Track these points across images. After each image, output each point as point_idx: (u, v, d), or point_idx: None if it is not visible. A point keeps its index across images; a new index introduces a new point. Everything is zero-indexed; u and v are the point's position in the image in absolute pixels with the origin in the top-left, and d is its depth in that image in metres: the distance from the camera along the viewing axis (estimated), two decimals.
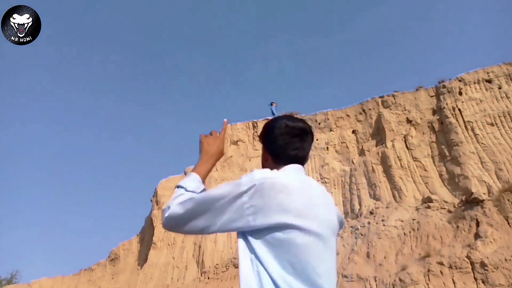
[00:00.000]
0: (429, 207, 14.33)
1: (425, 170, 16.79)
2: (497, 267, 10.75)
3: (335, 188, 18.47)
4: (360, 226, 15.12)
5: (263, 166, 1.55)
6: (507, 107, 16.73)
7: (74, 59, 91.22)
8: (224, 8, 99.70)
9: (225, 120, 1.70)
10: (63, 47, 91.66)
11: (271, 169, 1.42)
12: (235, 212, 1.27)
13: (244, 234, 1.30)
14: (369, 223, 15.01)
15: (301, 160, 1.51)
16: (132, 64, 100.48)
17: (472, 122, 16.80)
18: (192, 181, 1.48)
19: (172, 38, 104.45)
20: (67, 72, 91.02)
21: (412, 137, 17.95)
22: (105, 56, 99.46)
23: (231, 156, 21.43)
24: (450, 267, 11.37)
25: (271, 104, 23.20)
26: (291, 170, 1.43)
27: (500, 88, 17.51)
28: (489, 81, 17.93)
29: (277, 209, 1.25)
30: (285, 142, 1.49)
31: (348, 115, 20.53)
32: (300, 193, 1.31)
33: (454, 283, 11.08)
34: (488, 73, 18.10)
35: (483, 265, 10.91)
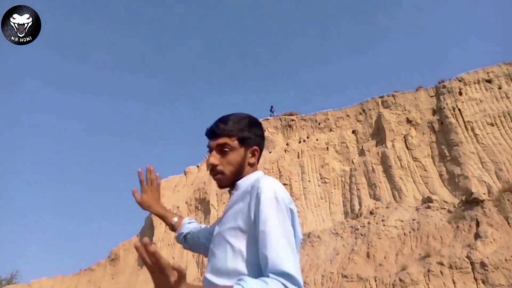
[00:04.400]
0: (429, 207, 14.31)
1: (425, 170, 16.77)
2: (497, 267, 10.74)
3: (335, 188, 18.46)
4: (360, 226, 15.10)
5: (245, 166, 1.35)
6: (507, 107, 16.72)
7: (75, 60, 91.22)
8: (227, 13, 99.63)
9: (150, 167, 1.59)
10: (64, 49, 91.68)
11: (253, 170, 1.36)
12: None
13: None
14: (369, 223, 15.00)
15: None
16: (132, 65, 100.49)
17: (472, 122, 16.78)
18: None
19: (171, 39, 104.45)
20: (68, 74, 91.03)
21: (412, 137, 17.93)
22: (104, 59, 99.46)
23: None
24: (450, 267, 11.35)
25: (272, 108, 23.66)
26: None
27: (500, 88, 17.50)
28: (489, 81, 17.91)
29: None
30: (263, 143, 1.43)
31: (348, 115, 20.51)
32: None
33: (454, 283, 11.06)
34: (488, 73, 18.08)
35: (483, 265, 10.90)
